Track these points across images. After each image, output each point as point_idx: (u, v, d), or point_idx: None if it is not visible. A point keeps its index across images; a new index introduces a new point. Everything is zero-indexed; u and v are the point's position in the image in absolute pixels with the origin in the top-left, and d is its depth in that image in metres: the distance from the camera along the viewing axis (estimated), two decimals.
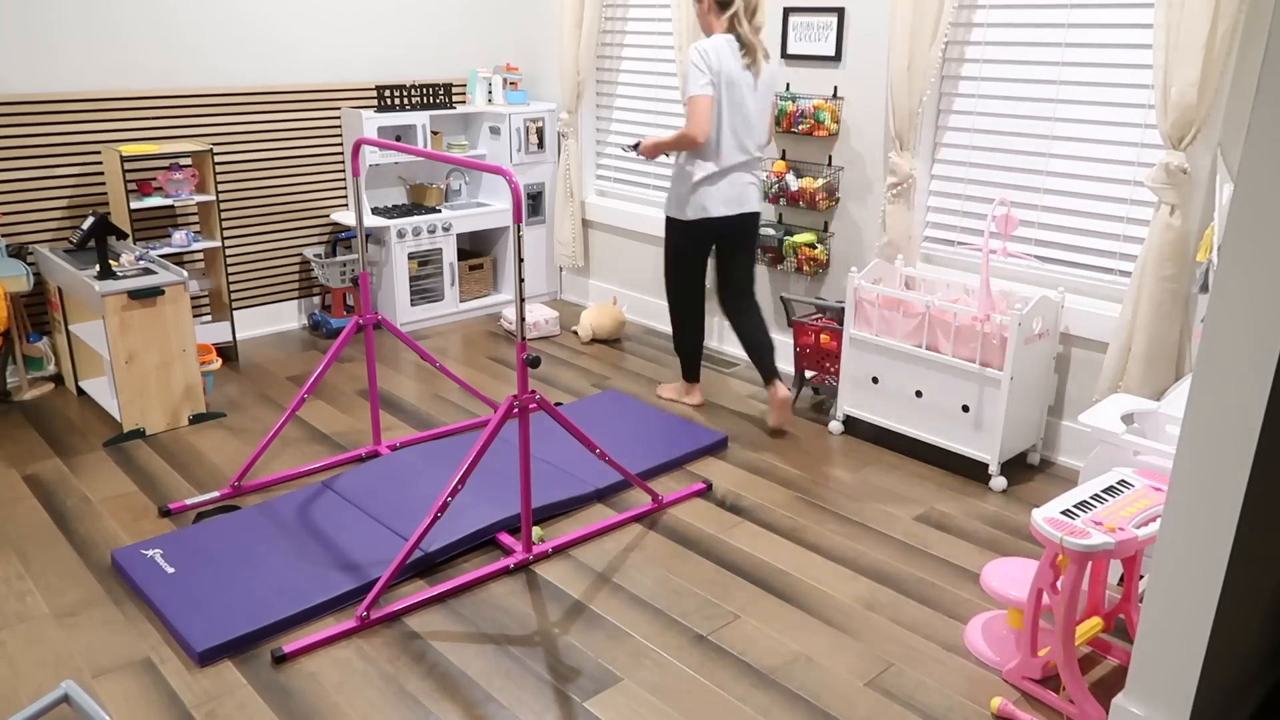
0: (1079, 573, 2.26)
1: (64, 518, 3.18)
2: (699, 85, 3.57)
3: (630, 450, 3.64)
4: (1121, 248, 3.48)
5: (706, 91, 3.57)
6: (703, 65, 3.57)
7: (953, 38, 3.75)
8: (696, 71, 3.57)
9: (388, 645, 2.59)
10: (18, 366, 4.11)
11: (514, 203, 2.62)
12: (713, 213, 3.76)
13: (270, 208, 4.89)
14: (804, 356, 4.07)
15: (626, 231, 5.28)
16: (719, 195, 3.75)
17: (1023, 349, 3.33)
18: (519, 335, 2.79)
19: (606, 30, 5.17)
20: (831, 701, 2.40)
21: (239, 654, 2.54)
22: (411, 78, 5.25)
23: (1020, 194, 3.69)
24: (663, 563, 2.99)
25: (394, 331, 3.54)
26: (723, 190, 3.74)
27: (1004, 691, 2.45)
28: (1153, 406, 2.85)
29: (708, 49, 3.57)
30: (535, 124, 5.33)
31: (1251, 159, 1.73)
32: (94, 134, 4.29)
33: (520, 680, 2.46)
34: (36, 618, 2.67)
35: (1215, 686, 2.08)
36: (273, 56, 4.74)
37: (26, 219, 4.21)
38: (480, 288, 5.45)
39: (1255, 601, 2.16)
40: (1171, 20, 3.02)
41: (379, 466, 3.46)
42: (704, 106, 3.58)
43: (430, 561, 2.93)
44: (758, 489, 3.46)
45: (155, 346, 3.74)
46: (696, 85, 3.57)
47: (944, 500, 3.39)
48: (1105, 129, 3.43)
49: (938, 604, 2.80)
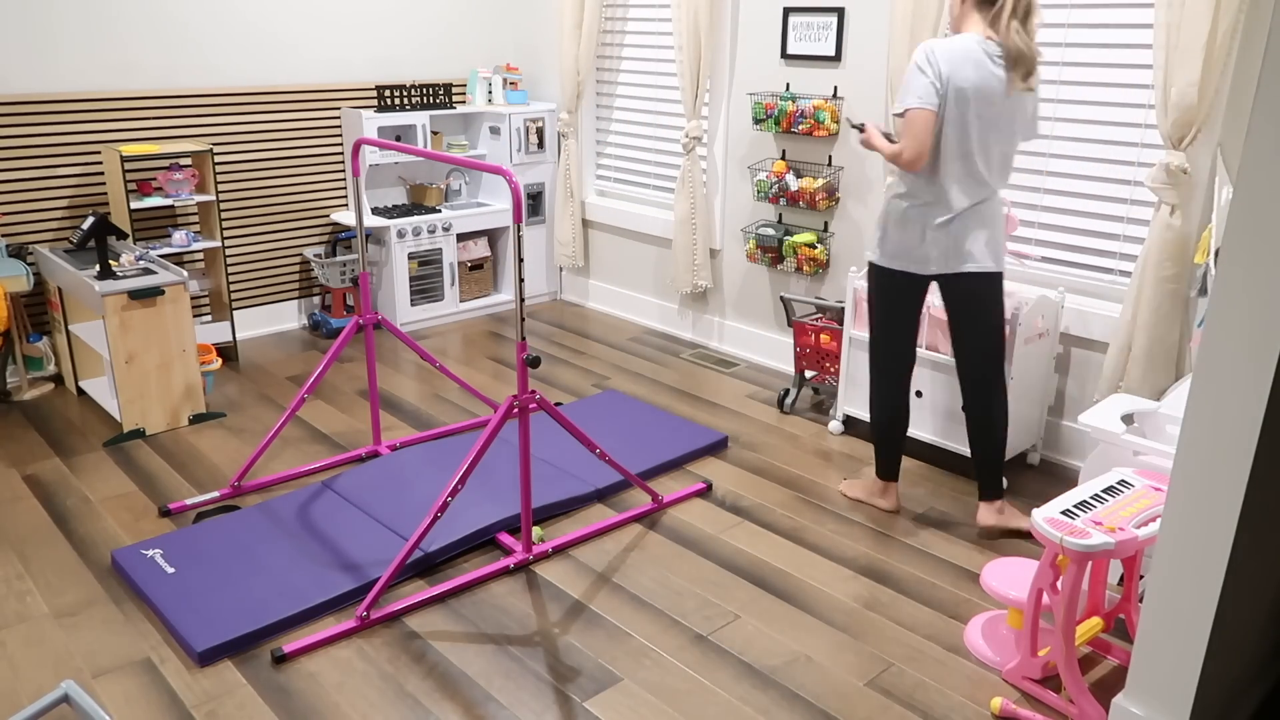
0: (1079, 573, 2.26)
1: (64, 518, 3.18)
2: (915, 95, 2.78)
3: (630, 450, 3.64)
4: (1121, 248, 3.48)
5: (926, 104, 2.77)
6: (927, 69, 2.77)
7: None
8: (917, 76, 2.79)
9: (388, 645, 2.59)
10: (18, 366, 4.11)
11: (514, 203, 2.62)
12: (915, 268, 2.97)
13: (270, 208, 4.89)
14: (804, 356, 4.07)
15: (626, 231, 5.28)
16: (934, 244, 2.94)
17: (1023, 349, 3.33)
18: (519, 335, 2.79)
19: (606, 30, 5.17)
20: (831, 701, 2.40)
21: (239, 654, 2.54)
22: (411, 78, 5.25)
23: (1020, 194, 3.69)
24: (663, 563, 2.99)
25: (394, 331, 3.54)
26: (939, 238, 2.93)
27: (1004, 691, 2.45)
28: (1153, 406, 2.85)
29: (937, 50, 2.78)
30: (535, 124, 5.33)
31: (1251, 159, 1.73)
32: (94, 134, 4.29)
33: (520, 680, 2.46)
34: (36, 618, 2.67)
35: (1215, 686, 2.08)
36: (273, 56, 4.74)
37: (26, 219, 4.21)
38: (480, 288, 5.45)
39: (1255, 601, 2.16)
40: (1171, 20, 3.02)
41: (379, 466, 3.46)
42: (921, 122, 2.78)
43: (430, 561, 2.93)
44: (758, 489, 3.46)
45: (155, 346, 3.74)
46: (913, 95, 2.78)
47: (944, 500, 3.39)
48: (1105, 129, 3.43)
49: (938, 604, 2.80)
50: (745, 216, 4.64)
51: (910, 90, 2.80)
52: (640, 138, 5.17)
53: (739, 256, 4.72)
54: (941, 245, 2.94)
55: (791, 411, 4.13)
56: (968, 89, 2.79)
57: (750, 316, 4.75)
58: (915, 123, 2.79)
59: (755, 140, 4.49)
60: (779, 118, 4.24)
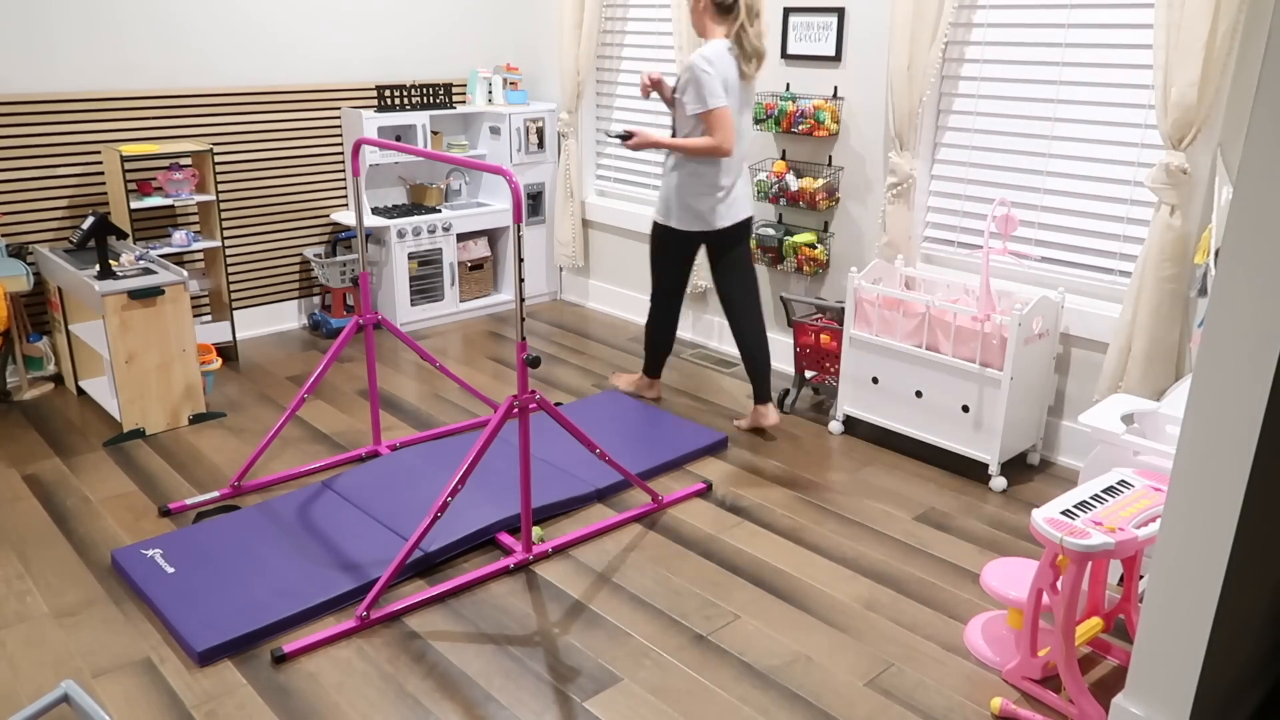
0: (1079, 573, 2.26)
1: (64, 518, 3.18)
2: (715, 95, 3.46)
3: (630, 450, 3.64)
4: (1121, 248, 3.48)
5: (724, 101, 3.48)
6: (713, 71, 3.46)
7: (953, 38, 3.75)
8: (711, 80, 3.46)
9: (388, 645, 2.59)
10: (18, 366, 4.12)
11: (514, 203, 2.62)
12: (716, 225, 3.71)
13: (270, 208, 4.89)
14: (804, 356, 4.07)
15: (626, 231, 5.28)
16: (725, 208, 3.69)
17: (1023, 349, 3.33)
18: (519, 335, 2.79)
19: (606, 30, 5.17)
20: (831, 701, 2.40)
21: (239, 654, 2.54)
22: (411, 78, 5.25)
23: (1020, 194, 3.69)
24: (663, 563, 2.99)
25: (394, 331, 3.54)
26: (729, 204, 3.69)
27: (1004, 691, 2.45)
28: (1153, 406, 2.85)
29: (712, 58, 3.48)
30: (535, 124, 5.33)
31: (1251, 159, 1.73)
32: (94, 134, 4.29)
33: (520, 680, 2.46)
34: (36, 618, 2.67)
35: (1215, 686, 2.08)
36: (273, 56, 4.74)
37: (26, 219, 4.21)
38: (480, 288, 5.45)
39: (1255, 601, 2.16)
40: (1171, 20, 3.02)
41: (379, 466, 3.46)
42: (727, 117, 3.49)
43: (430, 561, 2.93)
44: (758, 489, 3.46)
45: (155, 346, 3.74)
46: (715, 97, 3.46)
47: (944, 500, 3.40)
48: (1105, 129, 3.43)
49: (938, 604, 2.80)
50: None
51: (710, 92, 3.47)
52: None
53: None
54: (726, 204, 3.70)
55: (791, 411, 4.13)
56: (732, 83, 3.53)
57: None
58: (724, 117, 3.50)
59: (755, 140, 4.49)
60: (779, 118, 4.24)
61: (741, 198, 3.74)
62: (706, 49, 3.51)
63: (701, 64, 3.46)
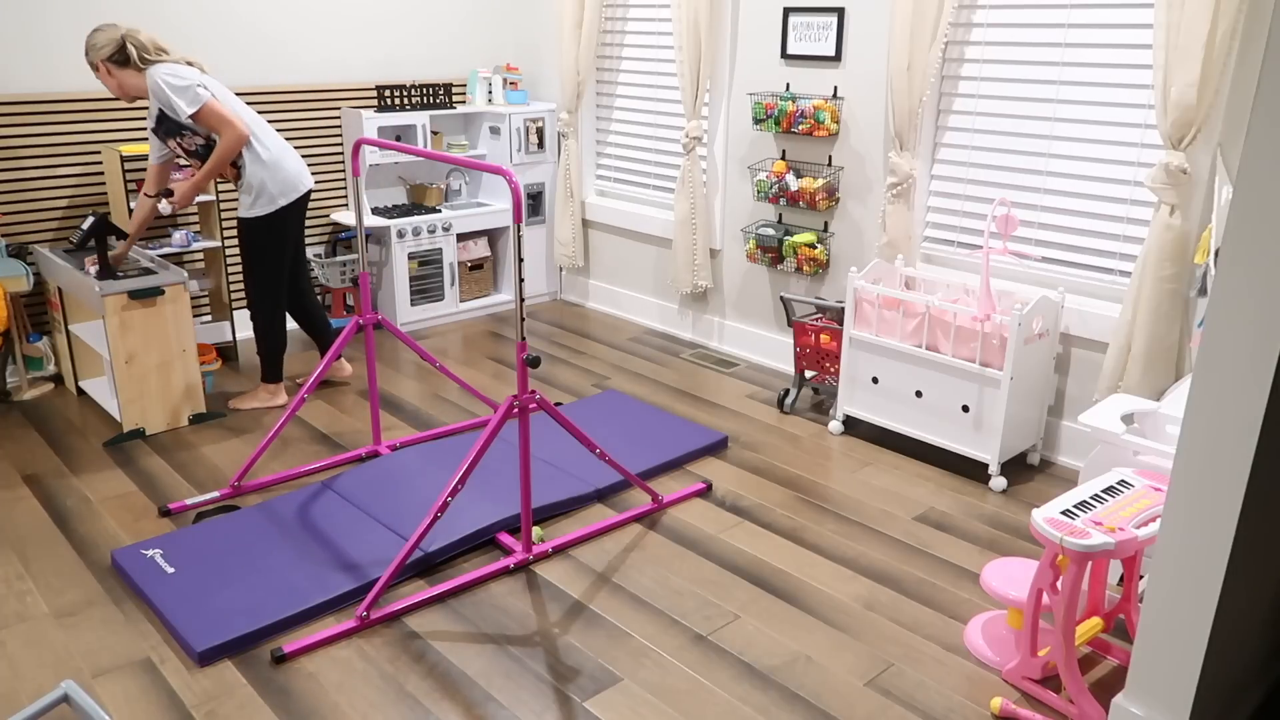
0: (1079, 573, 2.26)
1: (64, 518, 3.18)
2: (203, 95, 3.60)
3: (630, 450, 3.64)
4: (1121, 248, 3.48)
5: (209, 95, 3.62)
6: (182, 78, 3.57)
7: (953, 38, 3.76)
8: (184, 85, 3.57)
9: (388, 645, 2.59)
10: (18, 366, 4.11)
11: (514, 203, 2.62)
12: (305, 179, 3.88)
13: None
14: (804, 356, 4.07)
15: (626, 231, 5.28)
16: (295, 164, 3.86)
17: (1023, 349, 3.33)
18: (519, 335, 2.79)
19: (606, 30, 5.17)
20: (831, 701, 2.40)
21: (239, 654, 2.54)
22: (411, 78, 5.25)
23: (1020, 194, 3.69)
24: (663, 563, 2.99)
25: (394, 331, 3.54)
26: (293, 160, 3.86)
27: (1004, 691, 2.45)
28: (1153, 406, 2.85)
29: (179, 70, 3.60)
30: (535, 124, 5.34)
31: (1251, 159, 1.73)
32: (94, 134, 4.29)
33: (520, 680, 2.46)
34: (36, 618, 2.67)
35: (1215, 686, 2.08)
36: (273, 56, 4.74)
37: (26, 219, 4.21)
38: (480, 288, 5.45)
39: (1255, 601, 2.16)
40: (1171, 20, 3.02)
41: (379, 466, 3.46)
42: (219, 108, 3.63)
43: (430, 561, 2.93)
44: (758, 489, 3.46)
45: (155, 346, 3.74)
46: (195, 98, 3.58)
47: (944, 500, 3.40)
48: (1105, 129, 3.43)
49: (938, 604, 2.80)
50: (745, 216, 4.64)
51: (188, 97, 3.57)
52: (640, 138, 5.17)
53: (739, 256, 4.72)
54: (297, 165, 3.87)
55: (791, 411, 4.13)
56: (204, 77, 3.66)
57: (750, 316, 4.76)
58: (216, 109, 3.61)
59: (755, 140, 4.50)
60: (779, 118, 4.24)
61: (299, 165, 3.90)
62: (159, 69, 3.58)
63: (170, 78, 3.56)
